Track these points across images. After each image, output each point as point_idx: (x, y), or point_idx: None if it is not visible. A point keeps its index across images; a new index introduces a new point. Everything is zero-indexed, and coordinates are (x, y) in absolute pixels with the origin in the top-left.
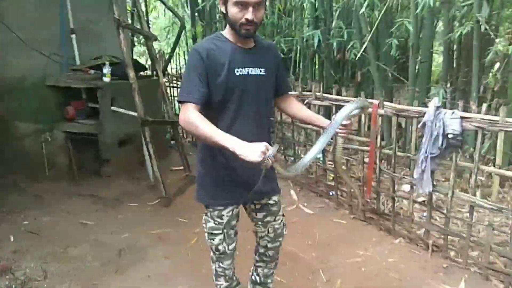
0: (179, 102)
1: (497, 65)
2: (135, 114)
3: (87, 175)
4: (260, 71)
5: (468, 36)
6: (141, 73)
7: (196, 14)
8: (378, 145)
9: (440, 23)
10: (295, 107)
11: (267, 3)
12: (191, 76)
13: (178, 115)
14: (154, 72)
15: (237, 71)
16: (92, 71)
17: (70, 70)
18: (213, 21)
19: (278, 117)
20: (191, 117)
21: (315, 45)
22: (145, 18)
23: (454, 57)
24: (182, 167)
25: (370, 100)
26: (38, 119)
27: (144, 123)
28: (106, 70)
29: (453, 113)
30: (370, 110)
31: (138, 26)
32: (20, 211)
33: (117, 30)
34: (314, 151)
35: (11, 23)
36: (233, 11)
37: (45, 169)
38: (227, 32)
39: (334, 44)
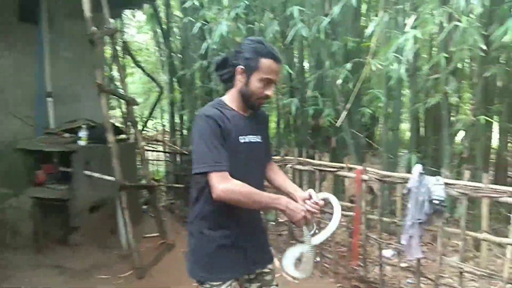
0: (201, 173)
1: (462, 133)
2: (112, 178)
3: (53, 244)
4: (259, 138)
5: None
6: (119, 137)
7: (175, 80)
8: (363, 210)
9: (407, 93)
10: (274, 173)
11: None
12: (215, 143)
13: (156, 179)
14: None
15: (241, 139)
16: (67, 135)
17: (44, 133)
18: (193, 87)
19: None
20: (239, 187)
21: (293, 112)
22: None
23: (420, 125)
24: (156, 234)
25: (353, 166)
26: (4, 183)
27: (122, 188)
28: (83, 133)
29: (437, 179)
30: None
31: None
32: None
33: (98, 94)
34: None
35: None
36: (258, 85)
37: (6, 237)
38: (229, 100)
39: (310, 111)
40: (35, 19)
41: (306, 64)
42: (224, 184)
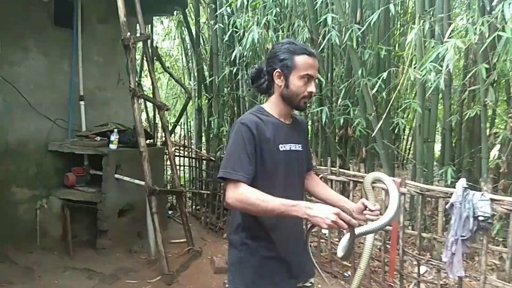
0: (223, 178)
1: (498, 146)
2: (141, 183)
3: (81, 247)
4: (299, 146)
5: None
6: (147, 141)
7: (203, 87)
8: (401, 225)
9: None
10: (318, 185)
11: None
12: (239, 151)
13: (182, 185)
14: (158, 141)
15: (281, 147)
16: (98, 138)
17: (75, 136)
18: (220, 94)
19: None
20: (247, 195)
21: (323, 121)
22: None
23: (454, 138)
24: (183, 240)
25: (393, 178)
26: (35, 184)
27: (152, 193)
28: (114, 137)
29: (482, 195)
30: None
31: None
32: (8, 286)
33: (132, 99)
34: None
35: (22, 86)
36: (298, 84)
37: (36, 238)
38: (269, 107)
39: (341, 120)
40: (70, 23)
41: (336, 72)
42: (233, 193)
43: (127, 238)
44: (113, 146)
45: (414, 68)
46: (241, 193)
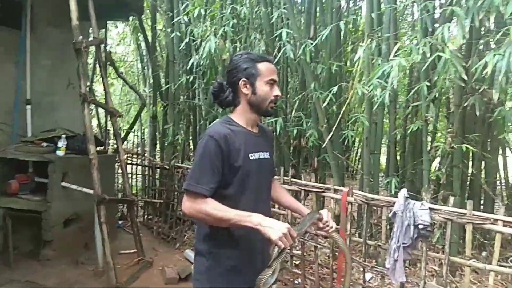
0: (186, 190)
1: (438, 159)
2: (90, 191)
3: (24, 258)
4: (267, 154)
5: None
6: (97, 148)
7: (158, 94)
8: (348, 232)
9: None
10: (279, 192)
11: None
12: (204, 165)
13: (134, 193)
14: (110, 148)
15: (251, 156)
16: (44, 144)
17: (20, 141)
18: (176, 101)
19: None
20: (201, 206)
21: (277, 131)
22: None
23: (398, 150)
24: (133, 251)
25: (338, 187)
26: None
27: (101, 202)
28: (61, 143)
29: (422, 204)
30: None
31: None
32: None
33: (82, 104)
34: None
35: None
36: (265, 89)
37: None
38: (237, 117)
39: (295, 131)
40: (17, 24)
41: (291, 85)
42: (190, 204)
43: (73, 249)
44: (60, 153)
45: (362, 83)
46: (196, 206)
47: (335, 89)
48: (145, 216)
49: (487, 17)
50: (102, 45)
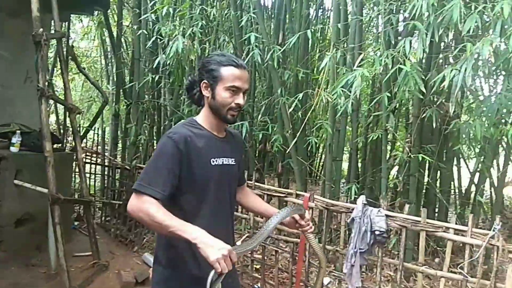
0: (135, 190)
1: (396, 168)
2: (44, 190)
3: None
4: (232, 161)
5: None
6: (54, 146)
7: (122, 92)
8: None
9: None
10: (253, 199)
11: None
12: (158, 166)
13: (92, 194)
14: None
15: (213, 161)
16: None
17: None
18: (140, 100)
19: None
20: (146, 206)
21: (243, 135)
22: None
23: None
24: (88, 253)
25: (300, 192)
26: None
27: (55, 202)
28: (16, 139)
29: (379, 211)
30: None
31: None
32: None
33: (39, 99)
34: (249, 246)
35: None
36: (224, 95)
37: None
38: (201, 120)
39: (259, 136)
40: None
41: (258, 89)
42: (136, 204)
43: (25, 250)
44: (14, 149)
45: (327, 91)
46: (141, 206)
47: (301, 95)
48: (103, 218)
49: (446, 33)
50: (64, 39)
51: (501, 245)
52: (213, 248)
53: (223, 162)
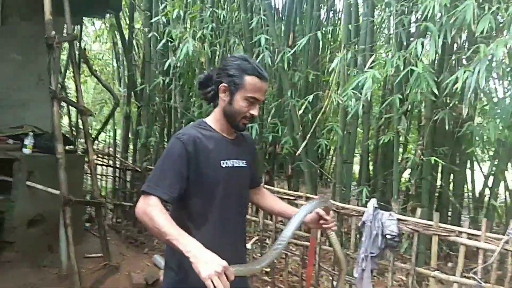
0: (143, 191)
1: (408, 171)
2: (56, 192)
3: None
4: (243, 163)
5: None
6: (66, 147)
7: (133, 94)
8: (318, 241)
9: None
10: (270, 200)
11: None
12: (166, 167)
13: (103, 195)
14: (80, 148)
15: (223, 163)
16: (10, 141)
17: None
18: (151, 102)
19: None
20: (150, 208)
21: (252, 137)
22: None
23: (370, 160)
24: (99, 255)
25: (310, 195)
26: None
27: (67, 203)
28: (29, 141)
29: (390, 214)
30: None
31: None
32: None
33: (52, 101)
34: (282, 243)
35: None
36: (241, 104)
37: None
38: (212, 121)
39: (269, 138)
40: None
41: (268, 92)
42: (142, 205)
43: (36, 251)
44: (27, 151)
45: (338, 93)
46: (147, 208)
47: (311, 97)
48: (114, 219)
49: (458, 34)
50: (76, 42)
51: None
52: (206, 264)
53: (233, 164)
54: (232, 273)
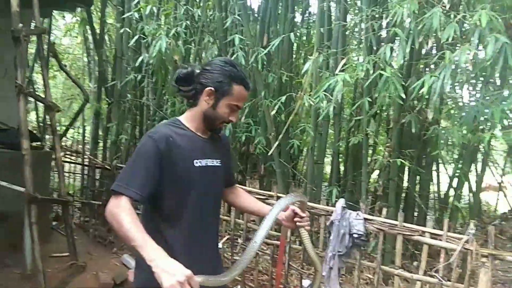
0: (113, 191)
1: (377, 172)
2: (21, 189)
3: None
4: (217, 162)
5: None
6: (33, 144)
7: (103, 90)
8: (288, 240)
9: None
10: (246, 199)
11: None
12: (137, 166)
13: (70, 194)
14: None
15: (196, 162)
16: None
17: None
18: (122, 99)
19: None
20: (118, 210)
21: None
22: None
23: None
24: (66, 254)
25: (281, 195)
26: None
27: (32, 201)
28: None
29: (357, 214)
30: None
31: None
32: None
33: (18, 96)
34: (253, 249)
35: None
36: (224, 110)
37: None
38: (186, 120)
39: (242, 138)
40: None
41: None
42: (112, 205)
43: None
44: None
45: (310, 95)
46: (115, 208)
47: (284, 98)
48: (82, 218)
49: (426, 41)
50: (45, 35)
51: (475, 249)
52: (168, 274)
53: (207, 163)
54: (197, 283)
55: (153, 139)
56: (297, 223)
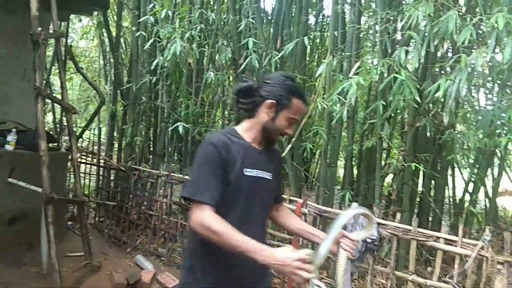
0: (187, 198)
1: (391, 176)
2: (38, 189)
3: None
4: (268, 175)
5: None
6: (50, 145)
7: (119, 92)
8: (301, 244)
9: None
10: (290, 218)
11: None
12: (206, 172)
13: (85, 194)
14: (63, 145)
15: (246, 171)
16: None
17: None
18: (137, 102)
19: None
20: (212, 222)
21: None
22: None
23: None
24: (81, 254)
25: (294, 198)
26: None
27: (49, 201)
28: (11, 137)
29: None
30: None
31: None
32: None
33: (36, 98)
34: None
35: None
36: (283, 122)
37: None
38: (243, 130)
39: None
40: None
41: None
42: (199, 217)
43: (16, 248)
44: (9, 147)
45: (323, 98)
46: (206, 220)
47: None
48: (97, 218)
49: (441, 44)
50: (63, 38)
51: (490, 256)
52: (284, 265)
53: (257, 174)
54: (308, 259)
55: (214, 145)
56: (341, 244)
